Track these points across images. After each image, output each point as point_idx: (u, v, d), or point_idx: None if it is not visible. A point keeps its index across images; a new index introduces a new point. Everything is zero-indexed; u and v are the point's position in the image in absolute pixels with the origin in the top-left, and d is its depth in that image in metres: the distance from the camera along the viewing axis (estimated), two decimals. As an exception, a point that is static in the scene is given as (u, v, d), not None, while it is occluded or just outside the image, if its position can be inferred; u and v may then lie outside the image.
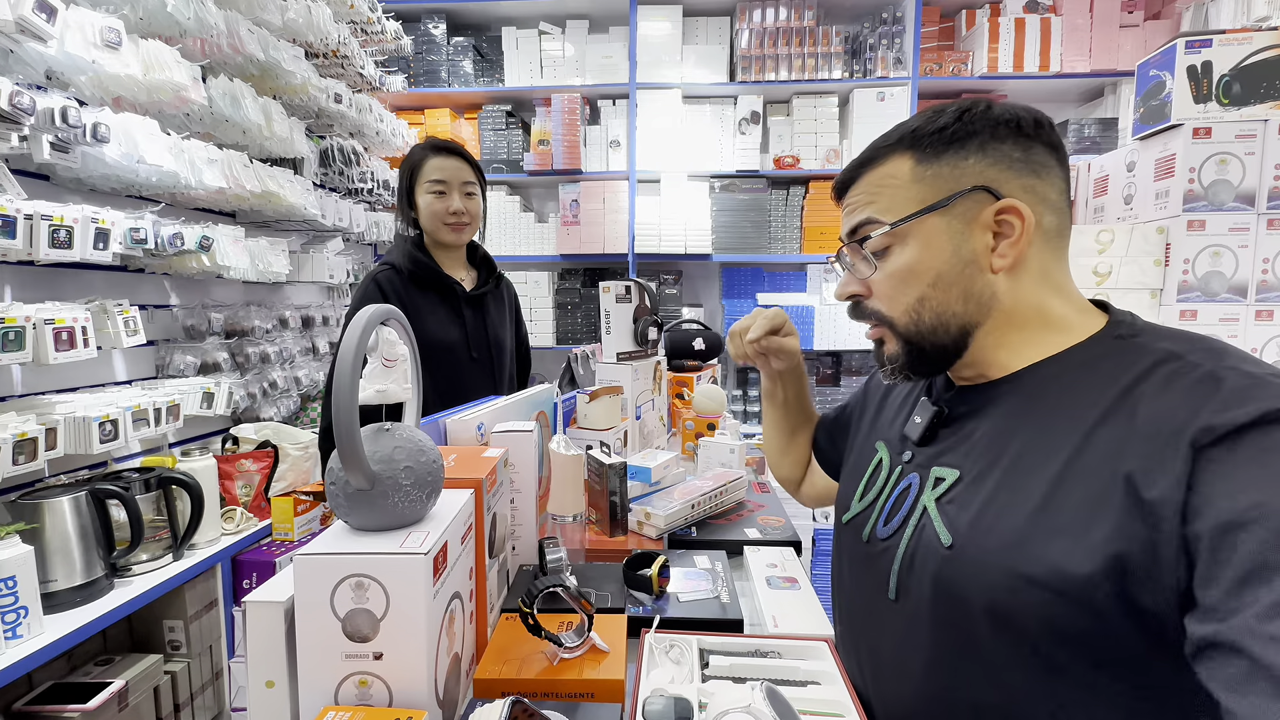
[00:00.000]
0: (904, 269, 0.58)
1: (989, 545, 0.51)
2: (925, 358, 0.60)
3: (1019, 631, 0.49)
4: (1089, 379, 0.52)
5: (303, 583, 0.49)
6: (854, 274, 0.63)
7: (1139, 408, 0.47)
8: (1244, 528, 0.38)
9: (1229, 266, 1.39)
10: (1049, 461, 0.50)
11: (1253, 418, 0.40)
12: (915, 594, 0.57)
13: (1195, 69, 1.38)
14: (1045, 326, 0.57)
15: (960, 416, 0.61)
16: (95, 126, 1.27)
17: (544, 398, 1.22)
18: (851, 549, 0.69)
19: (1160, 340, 0.51)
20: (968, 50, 2.83)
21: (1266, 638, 0.35)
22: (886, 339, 0.63)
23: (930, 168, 0.57)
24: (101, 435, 1.30)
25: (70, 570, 1.25)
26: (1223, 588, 0.38)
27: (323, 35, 2.03)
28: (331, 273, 2.20)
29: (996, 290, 0.57)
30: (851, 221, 0.62)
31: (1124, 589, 0.44)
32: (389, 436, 0.54)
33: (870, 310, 0.63)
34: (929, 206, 0.56)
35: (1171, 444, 0.43)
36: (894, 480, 0.65)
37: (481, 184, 1.52)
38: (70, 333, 1.21)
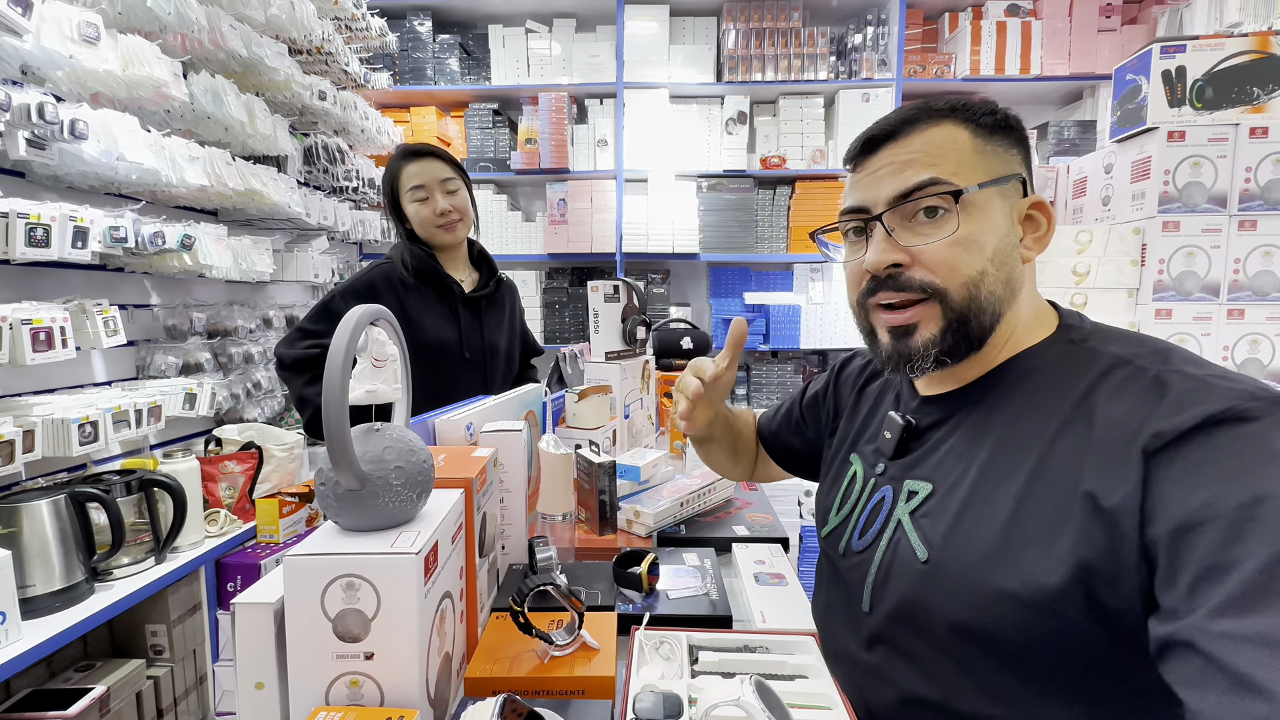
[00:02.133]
0: (968, 238, 0.53)
1: (964, 560, 0.52)
2: (967, 341, 0.56)
3: (995, 642, 0.50)
4: (1047, 387, 0.53)
5: (293, 583, 0.49)
6: (895, 239, 0.56)
7: (1095, 416, 0.48)
8: (1195, 529, 0.39)
9: (1202, 266, 1.43)
10: (1014, 474, 0.51)
11: (1197, 421, 0.42)
12: (889, 607, 0.58)
13: (1170, 73, 1.42)
14: (1027, 321, 0.58)
15: (929, 428, 0.61)
16: (73, 123, 1.25)
17: (532, 397, 1.22)
18: (830, 561, 0.69)
19: (1109, 344, 0.53)
20: (951, 52, 2.86)
21: (1218, 635, 0.36)
22: (925, 321, 0.56)
23: (988, 144, 0.56)
24: (81, 437, 1.27)
25: (49, 575, 1.23)
26: (1180, 589, 0.39)
27: (306, 32, 2.01)
28: (316, 272, 2.18)
29: (1023, 281, 0.57)
30: (907, 181, 0.55)
31: (1092, 595, 0.45)
32: (379, 436, 0.54)
33: (917, 281, 0.55)
34: (998, 179, 0.54)
35: (1125, 451, 0.44)
36: (868, 493, 0.65)
37: (464, 179, 1.51)
38: (48, 333, 1.19)
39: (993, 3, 2.81)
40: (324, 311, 1.39)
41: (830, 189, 2.94)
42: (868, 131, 0.60)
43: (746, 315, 2.95)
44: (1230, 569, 0.37)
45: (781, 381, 3.04)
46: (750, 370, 3.08)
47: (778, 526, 1.04)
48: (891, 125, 0.58)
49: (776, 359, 3.08)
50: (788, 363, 3.05)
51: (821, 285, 2.98)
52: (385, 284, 1.39)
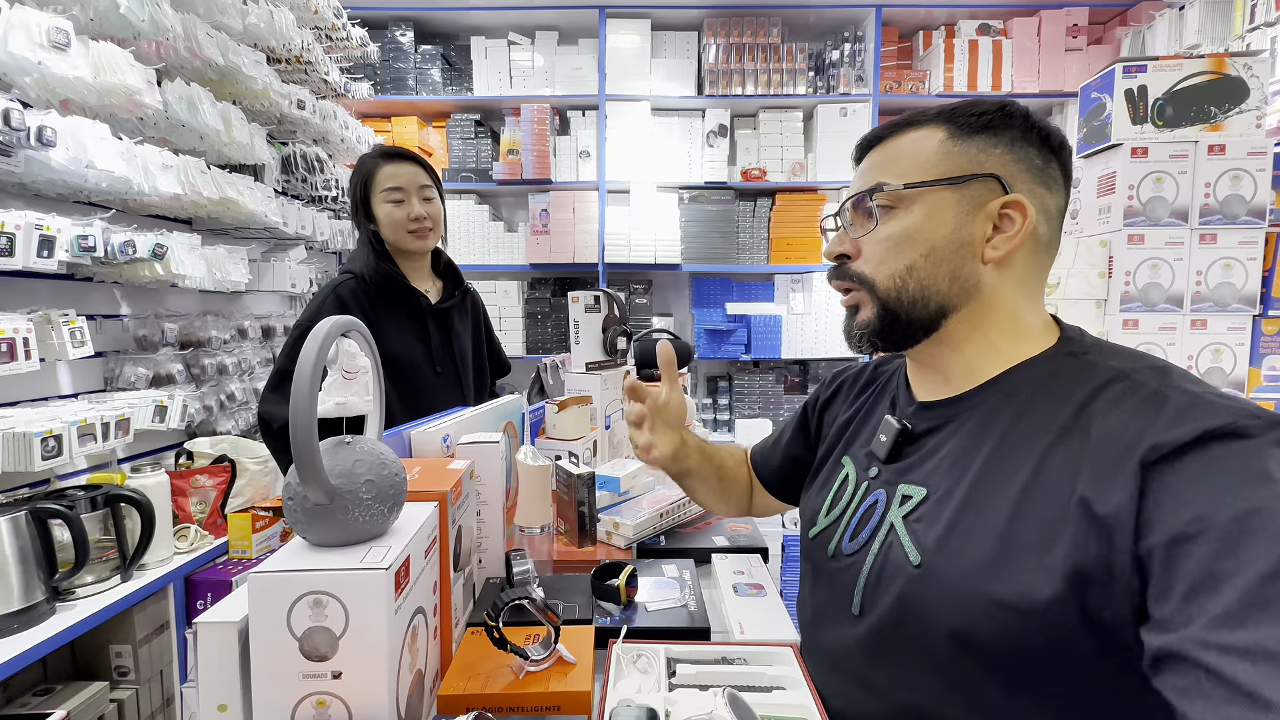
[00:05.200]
0: (902, 233, 0.58)
1: (958, 566, 0.52)
2: (898, 327, 0.60)
3: (985, 650, 0.50)
4: (1045, 396, 0.54)
5: (257, 601, 0.48)
6: (849, 233, 0.63)
7: (1091, 426, 0.48)
8: (1190, 540, 0.40)
9: (1166, 278, 1.47)
10: (1010, 481, 0.51)
11: (1195, 435, 0.42)
12: (880, 610, 0.58)
13: (1133, 92, 1.47)
14: (1013, 331, 0.59)
15: (925, 433, 0.62)
16: (40, 130, 1.22)
17: (512, 408, 1.21)
18: (817, 563, 0.68)
19: (1109, 358, 0.54)
20: (925, 69, 2.94)
21: (1216, 646, 0.37)
22: (863, 304, 0.62)
23: (959, 144, 0.58)
24: (44, 451, 1.23)
25: (7, 595, 1.18)
26: (1174, 600, 0.40)
27: (285, 41, 1.99)
28: (293, 282, 2.15)
29: (981, 280, 0.58)
30: (865, 183, 0.62)
31: (1084, 605, 0.45)
32: (349, 450, 0.53)
33: (854, 272, 0.62)
34: (945, 179, 0.57)
35: (1122, 461, 0.45)
36: (860, 496, 0.65)
37: (438, 188, 1.49)
38: (10, 344, 1.16)
39: (965, 22, 2.89)
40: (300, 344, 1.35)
41: (810, 200, 2.98)
42: (866, 135, 0.66)
43: (728, 325, 2.97)
44: (1224, 580, 0.38)
45: (763, 391, 3.06)
46: (732, 380, 3.09)
47: (757, 536, 1.04)
48: (883, 129, 0.64)
49: (758, 369, 3.10)
50: (769, 373, 3.07)
51: (802, 296, 3.01)
52: (353, 300, 1.35)
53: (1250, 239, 1.44)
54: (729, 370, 3.15)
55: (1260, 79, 1.42)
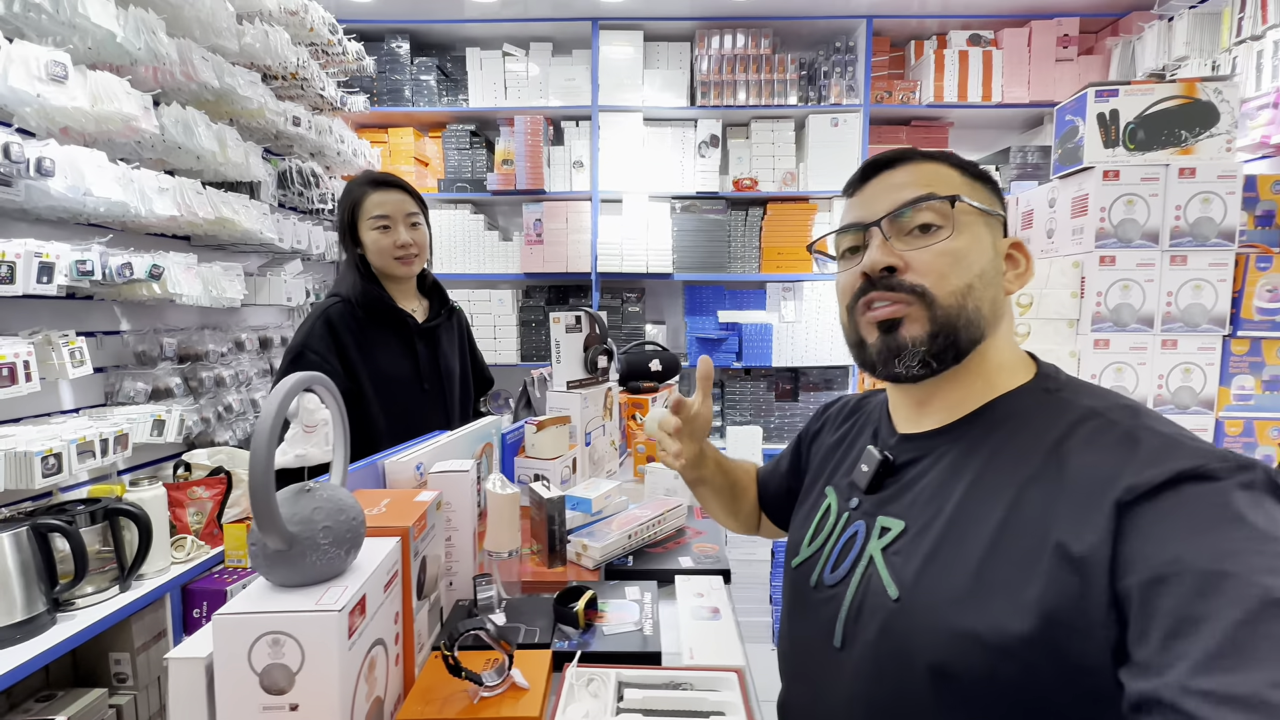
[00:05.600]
0: (958, 251, 0.58)
1: (935, 601, 0.52)
2: (950, 350, 0.58)
3: (963, 686, 0.50)
4: (1022, 432, 0.55)
5: (221, 640, 0.52)
6: (890, 246, 0.60)
7: (1066, 463, 0.50)
8: (1167, 582, 0.40)
9: (1137, 299, 1.49)
10: (987, 516, 0.52)
11: (1169, 477, 0.43)
12: (861, 643, 0.58)
13: (1104, 116, 1.49)
14: (1002, 363, 0.61)
15: (905, 464, 0.63)
16: (39, 161, 1.27)
17: (490, 430, 1.25)
18: (799, 594, 0.69)
19: (1082, 397, 0.56)
20: (916, 80, 2.95)
21: (1197, 693, 0.36)
22: (911, 319, 0.58)
23: (973, 183, 0.62)
24: (44, 469, 1.29)
25: (10, 607, 1.24)
26: (1153, 643, 0.40)
27: (281, 59, 2.04)
28: (289, 295, 2.20)
29: (1006, 310, 0.61)
30: (904, 196, 0.60)
31: (1060, 644, 0.45)
32: (309, 497, 0.58)
33: (910, 284, 0.58)
34: (984, 207, 0.60)
35: (1097, 501, 0.46)
36: (841, 526, 0.66)
37: (425, 213, 1.53)
38: (11, 369, 1.21)
39: (956, 32, 2.91)
40: (295, 364, 1.36)
41: (801, 210, 3.01)
42: (868, 160, 0.66)
43: (720, 333, 3.01)
44: (1203, 624, 0.38)
45: (755, 399, 3.09)
46: (724, 387, 3.13)
47: (721, 558, 1.08)
48: (891, 156, 0.64)
49: (749, 376, 3.13)
50: (760, 380, 3.11)
51: (793, 304, 3.04)
52: (341, 323, 1.38)
53: (1220, 260, 1.46)
54: (721, 378, 3.19)
55: (1230, 103, 1.44)
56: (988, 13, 2.88)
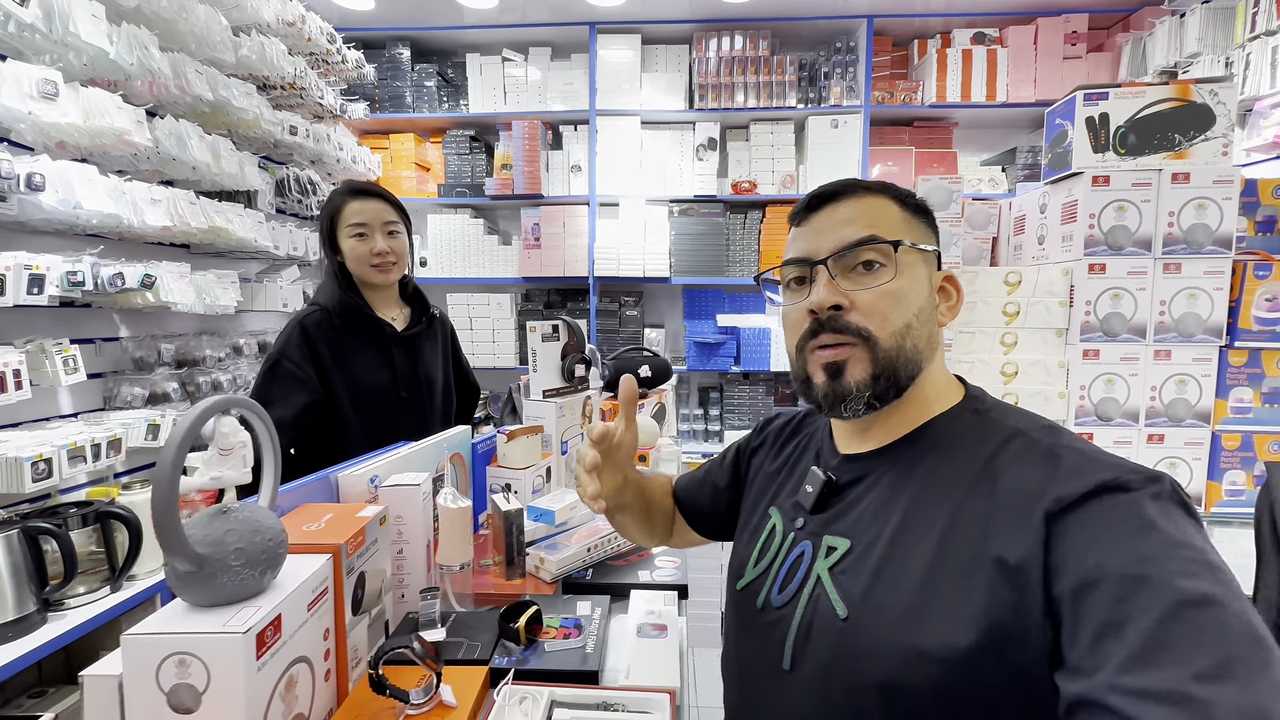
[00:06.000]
0: (900, 291, 0.60)
1: (883, 619, 0.53)
2: (893, 388, 0.60)
3: (913, 702, 0.51)
4: (956, 450, 0.58)
5: (130, 660, 0.54)
6: (837, 285, 0.61)
7: (998, 479, 0.53)
8: (1092, 588, 0.43)
9: (1129, 308, 1.45)
10: (928, 533, 0.54)
11: (1091, 487, 0.47)
12: (811, 663, 0.58)
13: (1094, 120, 1.44)
14: (935, 389, 0.63)
15: (848, 484, 0.64)
16: (29, 176, 1.32)
17: (459, 440, 1.26)
18: (745, 615, 0.68)
19: (1007, 417, 0.59)
20: (919, 79, 2.90)
21: (1123, 691, 0.39)
22: (854, 362, 0.60)
23: (913, 218, 0.64)
24: (35, 474, 1.33)
25: (1, 606, 1.28)
26: (1083, 646, 0.42)
27: (278, 70, 2.08)
28: (285, 301, 2.24)
29: (939, 342, 0.64)
30: (850, 234, 0.61)
31: (1003, 654, 0.47)
32: (224, 519, 0.59)
33: (855, 326, 0.60)
34: (924, 246, 0.62)
35: (1028, 513, 0.49)
36: (787, 547, 0.66)
37: (405, 222, 1.54)
38: (1, 378, 1.25)
39: (960, 31, 2.85)
40: (271, 373, 1.38)
41: (801, 213, 2.98)
42: (814, 192, 0.66)
43: (718, 337, 2.99)
44: (1126, 625, 0.40)
45: (753, 403, 3.07)
46: (723, 392, 3.11)
47: (680, 573, 1.07)
48: (835, 188, 0.65)
49: (747, 381, 3.11)
50: (758, 384, 3.08)
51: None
52: (317, 331, 1.40)
53: (1216, 268, 1.41)
54: (720, 382, 3.17)
55: (1227, 105, 1.38)
56: (993, 10, 2.81)
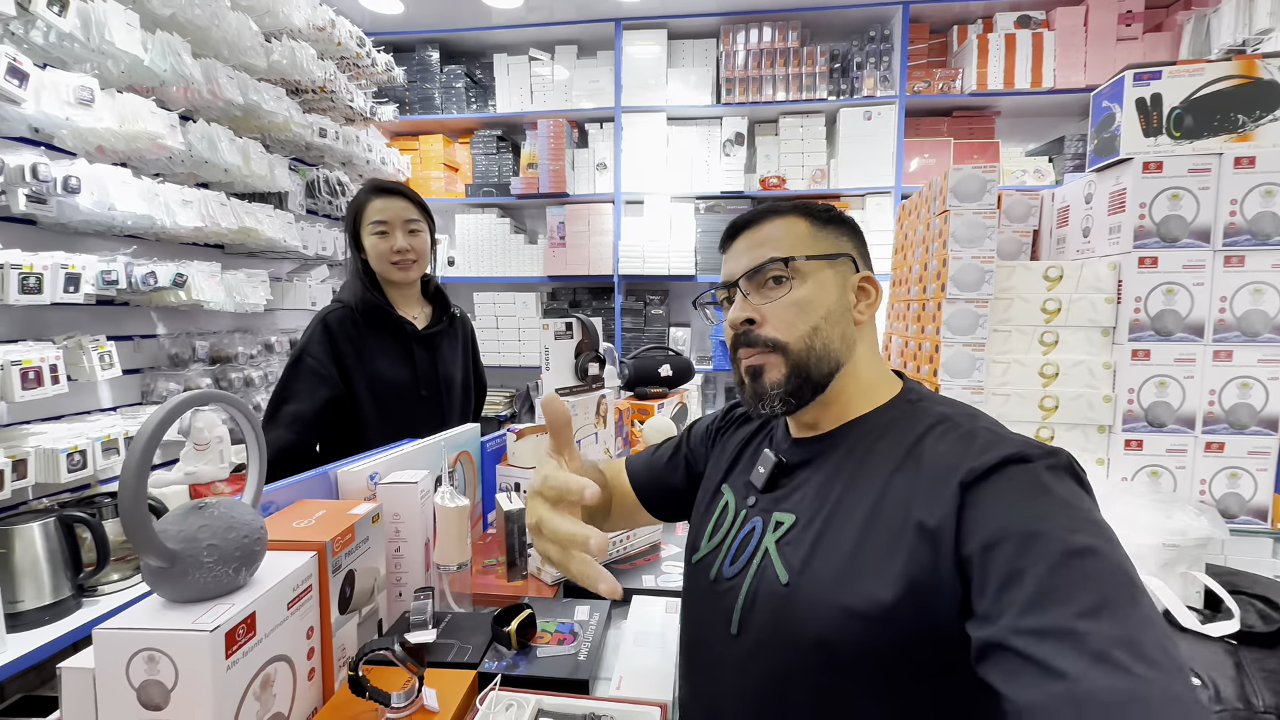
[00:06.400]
0: (803, 300, 0.67)
1: (818, 582, 0.59)
2: (808, 384, 0.67)
3: (845, 660, 0.56)
4: (890, 435, 0.64)
5: (101, 654, 0.53)
6: (749, 302, 0.69)
7: (923, 457, 0.59)
8: (997, 545, 0.49)
9: (1184, 305, 1.33)
10: (860, 506, 0.60)
11: (997, 460, 0.53)
12: (755, 629, 0.63)
13: (1144, 101, 1.33)
14: (869, 382, 0.70)
15: (796, 466, 0.70)
16: (66, 179, 1.37)
17: (467, 438, 1.26)
18: (699, 587, 0.73)
19: (936, 405, 0.65)
20: (958, 67, 2.77)
21: (1025, 631, 0.44)
22: (770, 366, 0.68)
23: (821, 230, 0.71)
24: (70, 465, 1.39)
25: (39, 591, 1.34)
26: (989, 597, 0.47)
27: (308, 75, 2.13)
28: (314, 300, 2.30)
29: (857, 339, 0.70)
30: (755, 258, 0.69)
31: (920, 607, 0.53)
32: (199, 515, 0.58)
33: (763, 337, 0.68)
34: (826, 254, 0.69)
35: (945, 484, 0.54)
36: (739, 523, 0.71)
37: (428, 221, 1.55)
38: (37, 372, 1.31)
39: (1002, 14, 2.71)
40: (295, 369, 1.40)
41: (831, 209, 2.88)
42: (732, 221, 0.75)
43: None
44: (1023, 574, 0.46)
45: (781, 404, 2.99)
46: (750, 392, 3.05)
47: (685, 578, 1.03)
48: (749, 218, 0.73)
49: (776, 381, 3.03)
50: (787, 385, 3.00)
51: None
52: (339, 328, 1.42)
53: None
54: (747, 381, 3.10)
55: (1299, 81, 1.25)
56: (1039, -9, 2.67)
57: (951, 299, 1.46)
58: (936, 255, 1.54)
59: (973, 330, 1.46)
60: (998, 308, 1.46)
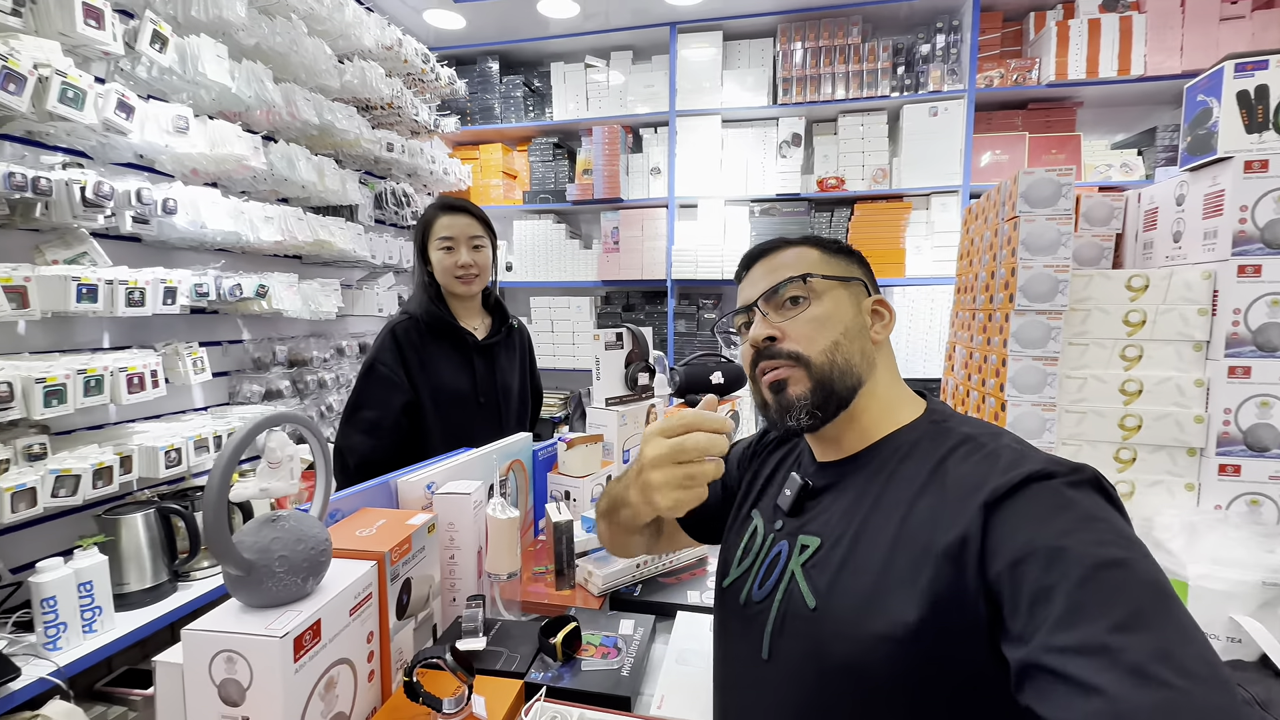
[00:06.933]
0: (822, 315, 0.69)
1: (845, 605, 0.59)
2: (833, 398, 0.67)
3: (874, 684, 0.56)
4: (913, 458, 0.64)
5: (189, 653, 0.59)
6: (769, 321, 0.71)
7: (947, 479, 0.58)
8: (1024, 561, 0.48)
9: (1292, 317, 1.21)
10: (886, 528, 0.60)
11: (1019, 479, 0.52)
12: (785, 653, 0.64)
13: (1247, 94, 1.21)
14: (891, 402, 0.70)
15: (822, 490, 0.70)
16: (164, 201, 1.51)
17: (519, 447, 1.29)
18: (730, 611, 0.73)
19: (962, 426, 0.65)
20: (1034, 57, 2.61)
21: (1058, 649, 0.43)
22: (794, 380, 0.69)
23: (832, 258, 0.73)
24: (167, 461, 1.53)
25: (141, 574, 1.49)
26: (1022, 615, 0.47)
27: (377, 92, 2.24)
28: (380, 306, 2.42)
29: (876, 357, 0.71)
30: (774, 280, 0.72)
31: (947, 630, 0.53)
32: (271, 528, 0.63)
33: (786, 351, 0.69)
34: (841, 276, 0.72)
35: (968, 504, 0.54)
36: (767, 547, 0.72)
37: (491, 237, 1.60)
38: (141, 377, 1.44)
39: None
40: (367, 377, 1.48)
41: (893, 210, 2.78)
42: (746, 254, 0.78)
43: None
44: (1053, 590, 0.45)
45: (837, 411, 2.91)
46: (805, 398, 2.98)
47: (731, 596, 1.03)
48: (763, 248, 0.77)
49: (832, 387, 2.95)
50: (844, 392, 2.92)
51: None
52: (405, 338, 1.49)
53: None
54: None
55: None
56: (1128, -29, 2.47)
57: (1021, 310, 1.38)
58: (1005, 264, 1.46)
59: (1044, 343, 1.37)
60: (1073, 319, 1.37)
